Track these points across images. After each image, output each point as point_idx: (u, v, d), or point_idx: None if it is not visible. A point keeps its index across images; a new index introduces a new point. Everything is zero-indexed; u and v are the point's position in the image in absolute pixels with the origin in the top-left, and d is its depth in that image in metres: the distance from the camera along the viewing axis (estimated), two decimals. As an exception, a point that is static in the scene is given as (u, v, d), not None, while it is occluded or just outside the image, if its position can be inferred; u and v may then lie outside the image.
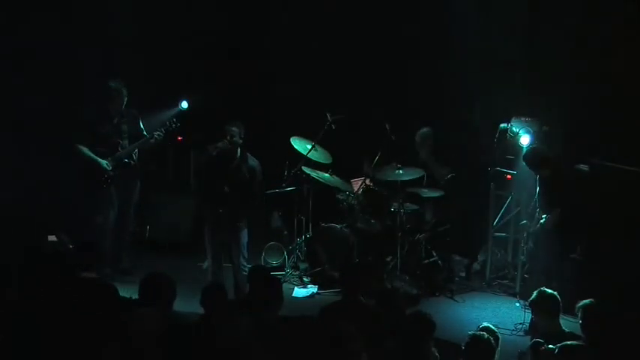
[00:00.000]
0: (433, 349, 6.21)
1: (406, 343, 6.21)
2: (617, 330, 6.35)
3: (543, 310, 6.89)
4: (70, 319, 6.17)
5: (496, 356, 6.16)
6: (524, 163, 9.01)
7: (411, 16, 10.66)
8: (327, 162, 10.16)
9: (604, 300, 6.82)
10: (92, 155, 9.41)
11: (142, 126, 9.69)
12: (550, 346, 6.33)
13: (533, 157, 8.85)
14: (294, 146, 10.05)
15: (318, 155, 10.10)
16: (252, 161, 8.98)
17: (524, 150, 9.15)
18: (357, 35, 10.95)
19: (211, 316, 6.53)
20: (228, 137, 8.79)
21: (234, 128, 8.81)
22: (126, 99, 9.49)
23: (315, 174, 9.99)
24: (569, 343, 6.23)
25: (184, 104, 11.03)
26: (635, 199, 8.89)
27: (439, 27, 10.44)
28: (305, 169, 9.98)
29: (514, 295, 9.44)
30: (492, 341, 6.02)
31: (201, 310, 6.71)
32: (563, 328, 6.79)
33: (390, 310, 6.79)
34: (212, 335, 6.22)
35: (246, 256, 9.12)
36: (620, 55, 9.37)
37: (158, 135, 9.58)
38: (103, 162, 9.42)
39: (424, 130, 10.18)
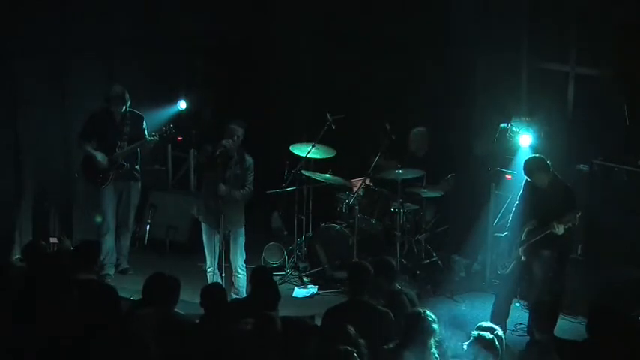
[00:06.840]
0: (433, 350, 6.21)
1: (406, 343, 6.21)
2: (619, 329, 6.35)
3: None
4: (71, 319, 6.18)
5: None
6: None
7: (412, 15, 10.65)
8: (330, 156, 10.08)
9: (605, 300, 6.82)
10: (91, 150, 9.45)
11: (144, 128, 9.70)
12: None
13: (535, 164, 8.20)
14: (295, 152, 10.02)
15: (320, 153, 10.06)
16: (249, 158, 9.00)
17: (526, 158, 8.49)
18: (356, 35, 10.95)
19: (211, 317, 6.53)
20: (235, 137, 8.80)
21: (238, 128, 8.83)
22: (129, 102, 9.52)
23: (315, 176, 9.95)
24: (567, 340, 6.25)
25: (182, 104, 11.05)
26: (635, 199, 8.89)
27: (439, 26, 10.44)
28: (305, 172, 9.94)
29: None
30: (496, 341, 6.01)
31: (201, 311, 6.71)
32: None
33: (396, 310, 6.78)
34: (212, 336, 6.22)
35: (244, 256, 9.13)
36: (621, 54, 9.37)
37: (152, 139, 9.59)
38: (99, 155, 9.45)
39: (419, 129, 10.20)
